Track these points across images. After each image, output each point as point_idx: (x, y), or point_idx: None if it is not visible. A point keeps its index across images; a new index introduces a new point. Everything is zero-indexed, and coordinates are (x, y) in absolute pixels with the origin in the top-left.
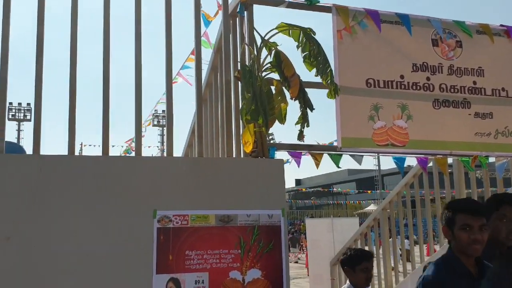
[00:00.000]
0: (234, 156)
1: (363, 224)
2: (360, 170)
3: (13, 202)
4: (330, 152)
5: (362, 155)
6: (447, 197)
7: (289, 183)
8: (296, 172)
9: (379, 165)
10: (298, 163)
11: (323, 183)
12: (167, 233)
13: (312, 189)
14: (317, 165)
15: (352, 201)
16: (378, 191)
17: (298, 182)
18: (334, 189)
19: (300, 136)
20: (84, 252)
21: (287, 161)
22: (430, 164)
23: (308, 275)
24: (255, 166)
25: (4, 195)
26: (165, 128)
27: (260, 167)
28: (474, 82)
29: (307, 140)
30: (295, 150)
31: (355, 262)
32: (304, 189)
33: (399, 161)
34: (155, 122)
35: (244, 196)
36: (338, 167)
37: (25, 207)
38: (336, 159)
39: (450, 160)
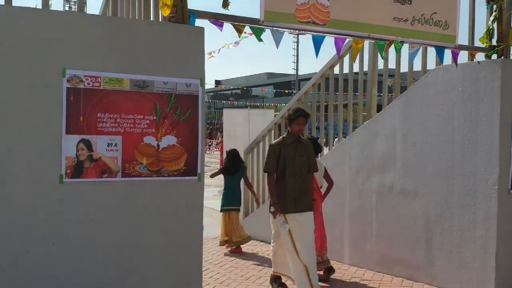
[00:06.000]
0: (152, 20)
1: (278, 114)
2: (278, 74)
3: None
4: (252, 25)
5: (283, 32)
6: (359, 102)
7: (209, 84)
8: (216, 71)
9: (297, 68)
10: (221, 30)
11: (242, 85)
12: (77, 94)
13: (231, 91)
14: (239, 35)
15: (268, 104)
16: (294, 92)
17: (217, 82)
18: (254, 89)
19: (225, 3)
20: None
21: (212, 52)
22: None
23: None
24: (174, 32)
25: None
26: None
27: (179, 33)
28: None
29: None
30: (217, 20)
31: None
32: (223, 86)
33: (317, 41)
34: (67, 8)
35: (161, 63)
36: (260, 40)
37: None
38: (257, 33)
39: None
